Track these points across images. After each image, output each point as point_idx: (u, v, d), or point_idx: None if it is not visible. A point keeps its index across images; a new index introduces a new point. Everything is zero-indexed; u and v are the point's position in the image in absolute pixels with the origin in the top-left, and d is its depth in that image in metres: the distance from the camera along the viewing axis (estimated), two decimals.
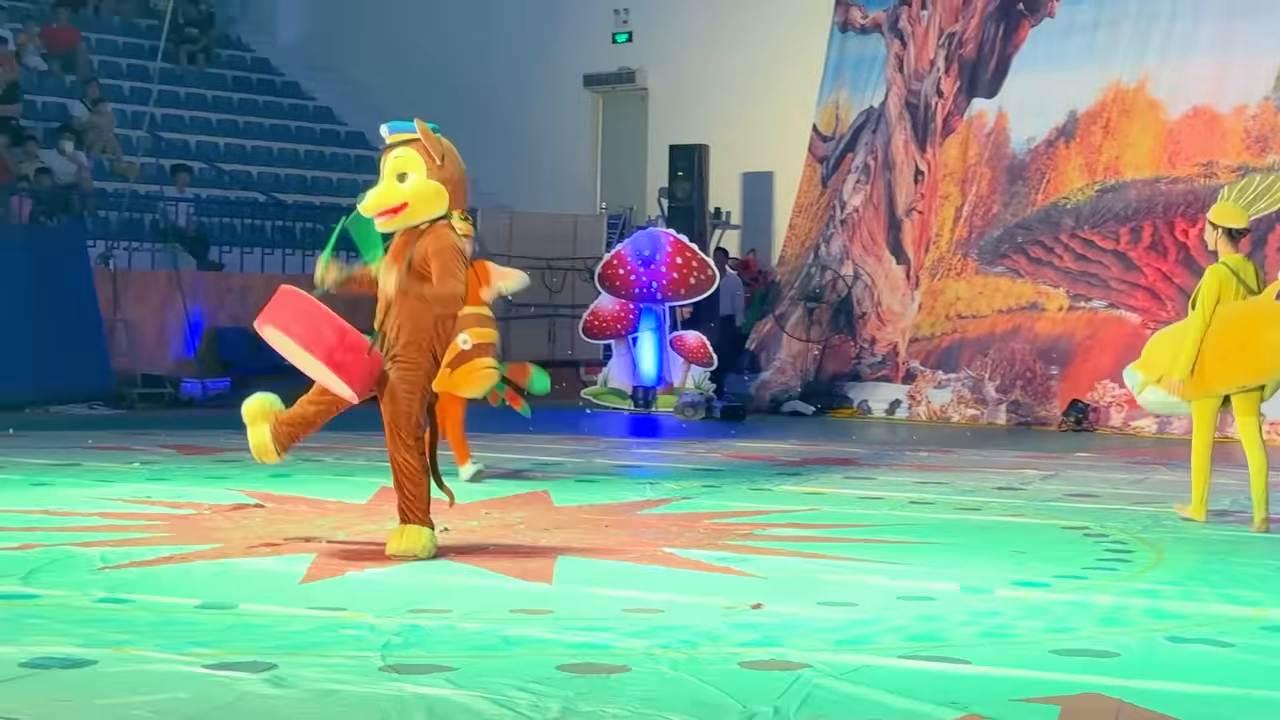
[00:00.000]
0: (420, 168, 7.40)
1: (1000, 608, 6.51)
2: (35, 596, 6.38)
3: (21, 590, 6.48)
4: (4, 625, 5.86)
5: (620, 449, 13.72)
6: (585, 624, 6.01)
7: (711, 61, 21.16)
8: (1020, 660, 5.55)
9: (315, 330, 7.20)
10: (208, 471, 10.92)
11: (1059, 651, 5.70)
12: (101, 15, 23.60)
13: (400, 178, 7.38)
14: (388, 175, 7.40)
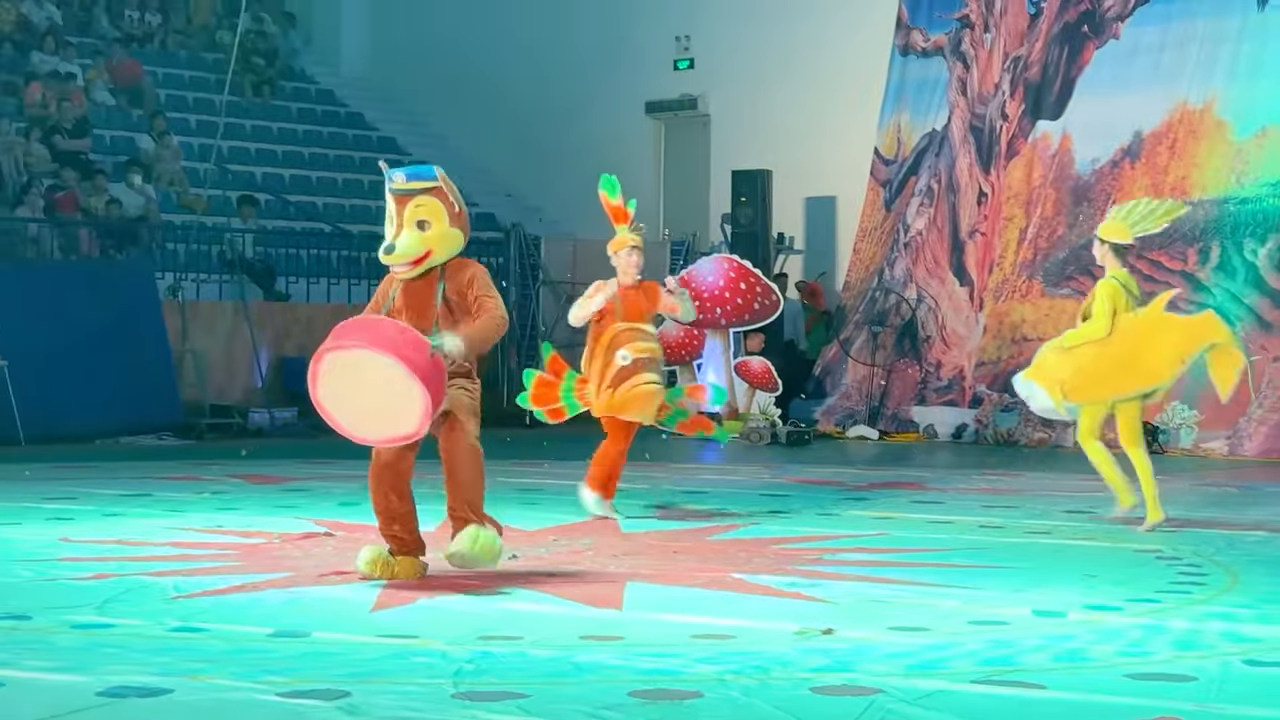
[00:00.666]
0: (442, 216, 7.43)
1: (1073, 631, 6.47)
2: (110, 626, 6.43)
3: (97, 620, 6.53)
4: (80, 655, 5.91)
5: (685, 475, 13.71)
6: (656, 650, 6.01)
7: (773, 87, 21.16)
8: (1096, 685, 5.51)
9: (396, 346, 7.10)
10: (277, 501, 10.98)
11: (1134, 676, 5.65)
12: (168, 49, 23.85)
13: (420, 224, 7.40)
14: (408, 222, 7.39)
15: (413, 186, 7.46)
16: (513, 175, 24.35)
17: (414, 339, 7.10)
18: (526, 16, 23.60)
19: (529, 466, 13.83)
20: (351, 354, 7.10)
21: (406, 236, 7.38)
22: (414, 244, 7.39)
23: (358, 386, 7.13)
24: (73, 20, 22.95)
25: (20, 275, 16.47)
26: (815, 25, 20.86)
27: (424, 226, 7.40)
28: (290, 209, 21.19)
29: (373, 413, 7.18)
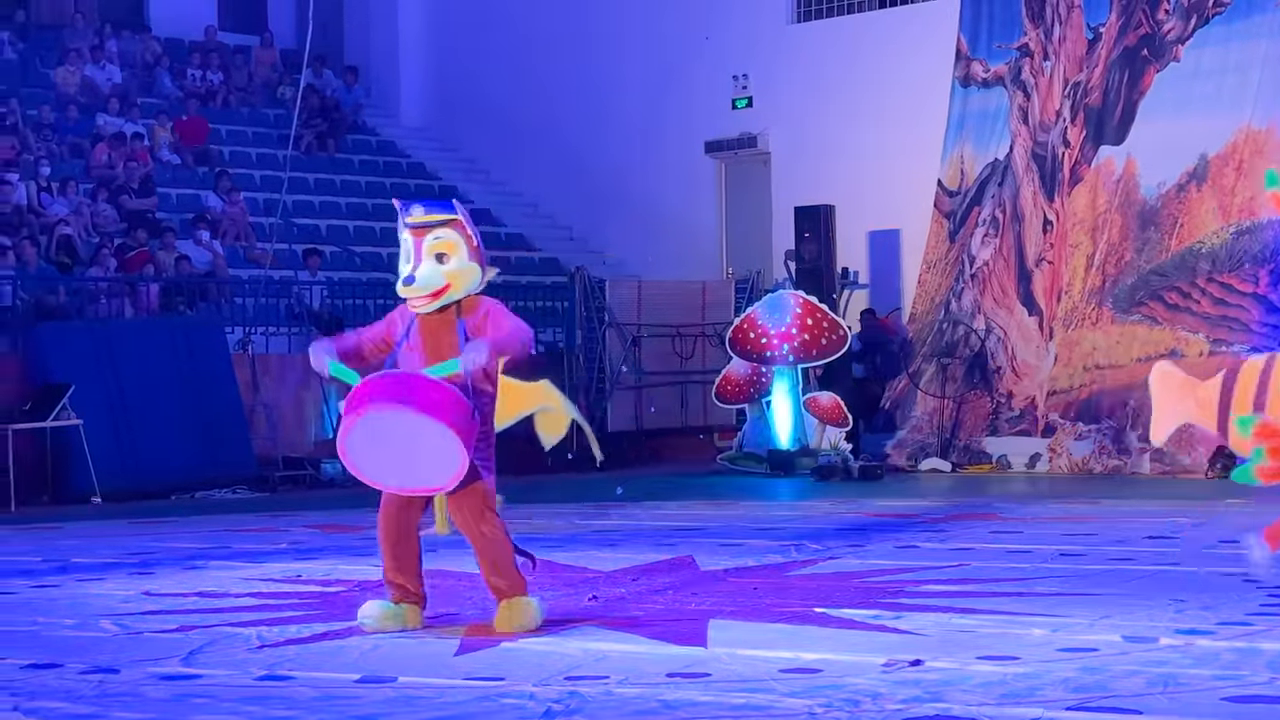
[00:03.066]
0: (461, 249, 7.26)
1: (1166, 657, 6.38)
2: (197, 677, 6.45)
3: (183, 671, 6.55)
4: (170, 706, 5.93)
5: (760, 512, 13.66)
6: (744, 686, 5.97)
7: (833, 122, 21.15)
8: (1193, 709, 5.44)
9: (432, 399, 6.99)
10: (353, 549, 11.00)
11: (1232, 699, 5.58)
12: (230, 107, 24.08)
13: (439, 257, 7.22)
14: (426, 254, 7.21)
15: (431, 219, 7.31)
16: (575, 219, 24.45)
17: (453, 397, 6.99)
18: (583, 60, 23.71)
19: (604, 508, 13.81)
20: (390, 413, 6.98)
21: (426, 268, 7.21)
22: (434, 276, 7.20)
23: (393, 440, 7.04)
24: (136, 81, 23.21)
25: (93, 334, 16.63)
26: (873, 59, 20.87)
27: (443, 259, 7.22)
28: (355, 260, 21.32)
29: (402, 464, 7.10)
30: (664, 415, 19.68)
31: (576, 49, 23.82)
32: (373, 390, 7.06)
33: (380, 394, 7.03)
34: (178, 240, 19.08)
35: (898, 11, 21.25)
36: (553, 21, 24.12)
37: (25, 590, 9.15)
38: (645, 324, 19.31)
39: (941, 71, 19.31)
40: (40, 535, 12.42)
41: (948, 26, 19.39)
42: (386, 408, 6.98)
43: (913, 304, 19.20)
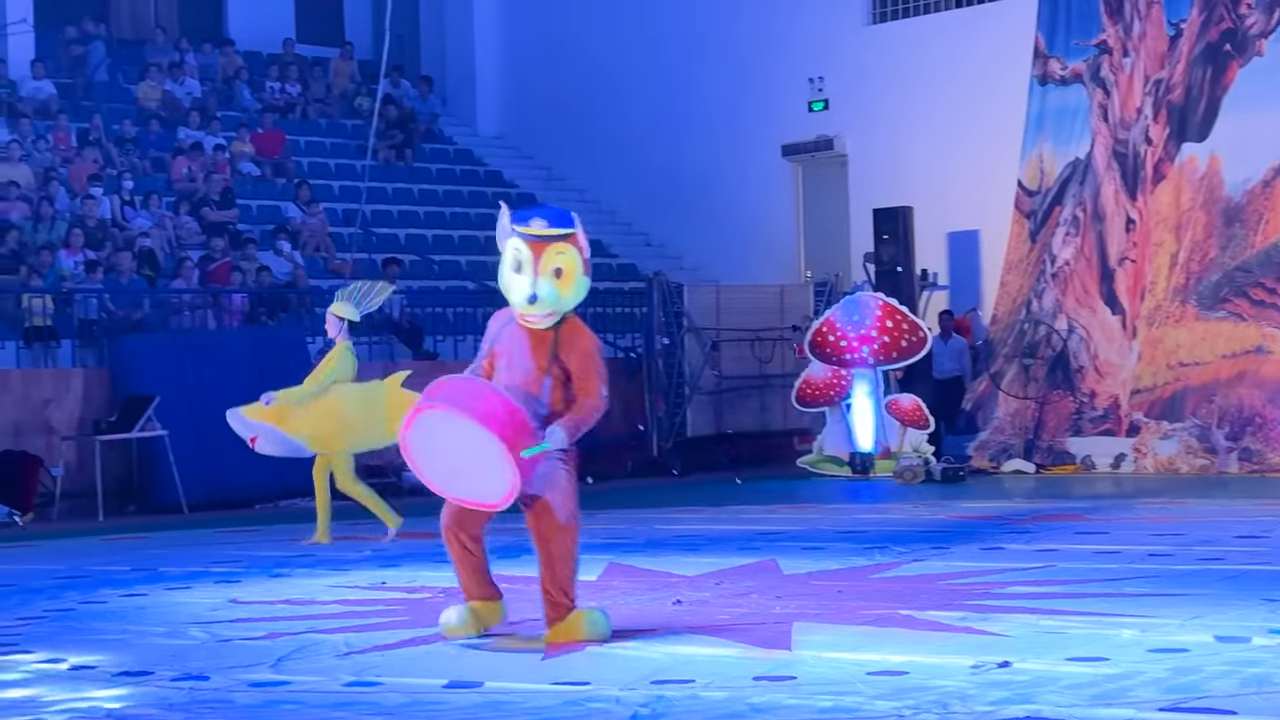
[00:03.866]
0: (578, 266, 7.16)
1: (1260, 657, 6.30)
2: (286, 683, 6.49)
3: (273, 678, 6.60)
4: (259, 712, 5.98)
5: (842, 515, 13.60)
6: (831, 689, 5.95)
7: (910, 123, 21.04)
8: None
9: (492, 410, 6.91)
10: (436, 555, 11.02)
11: None
12: (309, 119, 24.26)
13: (557, 273, 7.09)
14: (544, 271, 7.07)
15: (552, 233, 7.14)
16: (652, 224, 24.45)
17: (522, 422, 6.89)
18: (659, 66, 23.72)
19: (683, 513, 13.79)
20: (458, 419, 6.92)
21: (546, 286, 7.08)
22: (555, 295, 7.10)
23: (453, 445, 6.98)
24: (215, 94, 23.42)
25: (177, 345, 16.79)
26: (950, 59, 20.74)
27: (560, 275, 7.11)
28: (434, 268, 21.42)
29: (460, 472, 7.03)
30: (744, 419, 19.64)
31: (652, 54, 23.83)
32: (449, 392, 7.05)
33: (454, 396, 7.01)
34: (258, 251, 19.23)
35: (974, 10, 21.11)
36: (628, 27, 24.15)
37: (115, 599, 9.25)
38: (724, 328, 19.28)
39: (1019, 70, 19.16)
40: (128, 545, 12.55)
41: (1025, 25, 19.24)
42: (457, 413, 6.93)
43: (994, 305, 19.06)
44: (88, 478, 15.54)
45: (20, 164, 19.32)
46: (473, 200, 23.96)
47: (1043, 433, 17.63)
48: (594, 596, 8.59)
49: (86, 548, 12.48)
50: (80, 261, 17.54)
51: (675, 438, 18.91)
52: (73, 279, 17.38)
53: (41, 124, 20.67)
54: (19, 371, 16.24)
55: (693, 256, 23.61)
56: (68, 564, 11.13)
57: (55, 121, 20.78)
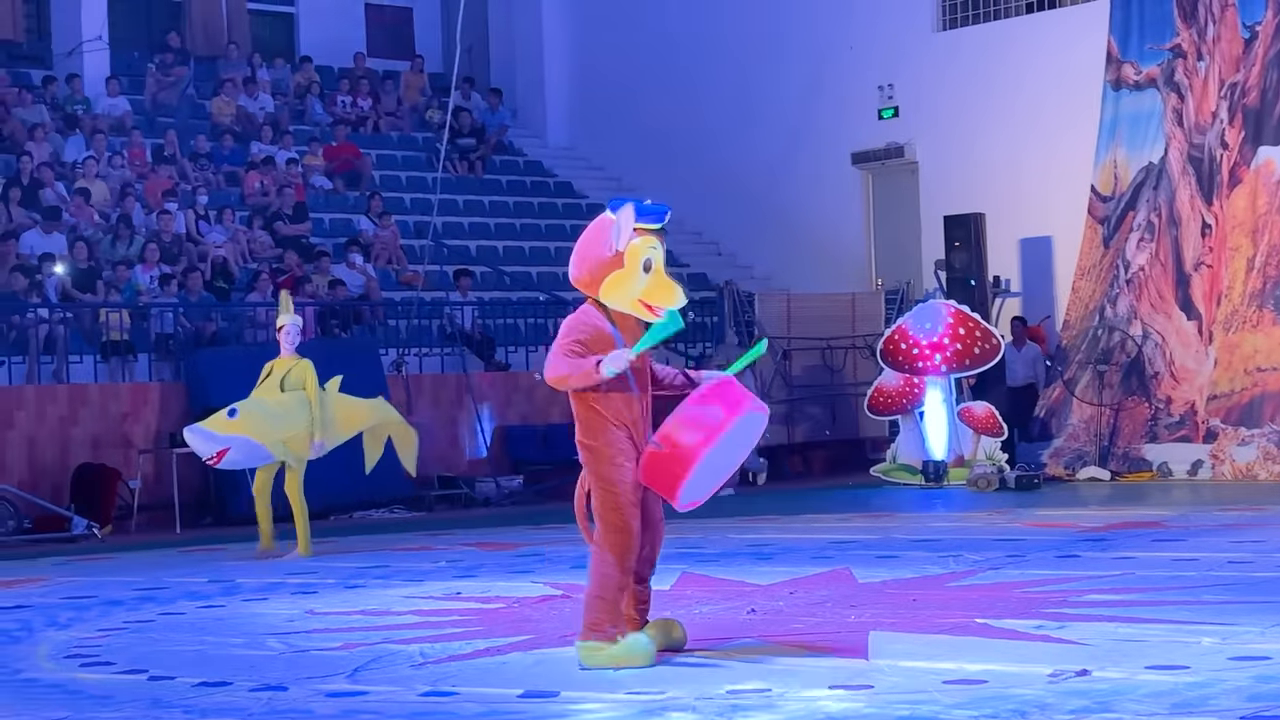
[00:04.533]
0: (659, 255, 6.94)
1: None
2: (363, 693, 6.52)
3: (349, 688, 6.63)
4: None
5: (916, 523, 13.54)
6: (908, 697, 5.92)
7: (981, 130, 20.95)
8: None
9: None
10: (511, 565, 11.09)
11: None
12: (380, 132, 24.40)
13: (648, 264, 6.89)
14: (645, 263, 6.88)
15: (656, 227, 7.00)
16: (722, 234, 24.45)
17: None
18: (727, 75, 23.71)
19: (756, 522, 13.77)
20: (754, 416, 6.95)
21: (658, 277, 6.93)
22: None
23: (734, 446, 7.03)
24: (288, 109, 23.61)
25: (251, 358, 16.86)
26: (1021, 65, 20.64)
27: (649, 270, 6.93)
28: (505, 280, 21.49)
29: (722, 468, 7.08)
30: (816, 428, 19.59)
31: (721, 64, 23.82)
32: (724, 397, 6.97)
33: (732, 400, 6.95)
34: (331, 264, 19.36)
35: (1045, 16, 21.00)
36: (696, 38, 24.15)
37: (193, 611, 9.33)
38: (795, 337, 19.24)
39: (1092, 75, 19.03)
40: (206, 557, 12.66)
41: (1097, 29, 19.11)
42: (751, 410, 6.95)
43: (1067, 311, 18.93)
44: (165, 490, 15.69)
45: (96, 180, 19.54)
46: (543, 211, 24.04)
47: (1118, 440, 17.49)
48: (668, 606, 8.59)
49: (164, 560, 12.59)
50: (156, 276, 17.72)
51: None
52: (148, 294, 17.56)
53: (117, 140, 20.90)
54: (97, 385, 16.42)
55: (763, 265, 23.59)
56: (146, 576, 11.24)
57: (130, 138, 21.00)
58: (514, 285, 21.42)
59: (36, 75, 22.21)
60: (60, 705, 6.49)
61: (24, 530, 14.90)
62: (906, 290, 20.06)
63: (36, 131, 20.03)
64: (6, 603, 9.91)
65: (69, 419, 15.93)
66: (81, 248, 17.67)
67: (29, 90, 21.21)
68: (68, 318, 16.79)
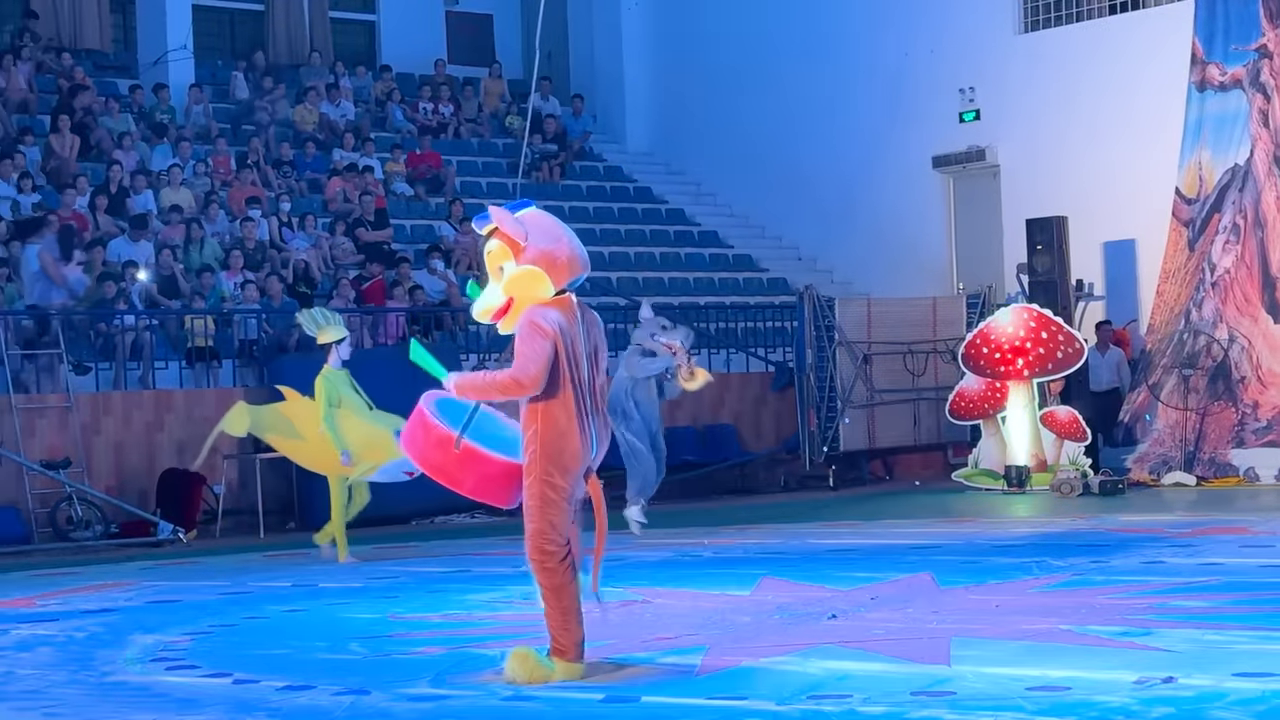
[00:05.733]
0: (509, 256, 6.72)
1: None
2: (445, 697, 6.56)
3: (432, 692, 6.67)
4: None
5: (998, 529, 13.45)
6: (990, 704, 5.89)
7: (1063, 132, 20.78)
8: None
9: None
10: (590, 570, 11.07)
11: None
12: (461, 138, 24.51)
13: (500, 271, 6.76)
14: (492, 273, 6.82)
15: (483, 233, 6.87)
16: (802, 238, 24.39)
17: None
18: (807, 79, 23.64)
19: (837, 527, 13.73)
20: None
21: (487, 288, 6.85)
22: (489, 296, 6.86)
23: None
24: (369, 116, 23.76)
25: None
26: (1104, 67, 20.46)
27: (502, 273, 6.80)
28: (585, 285, 21.45)
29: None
30: (897, 433, 19.50)
31: (800, 69, 23.76)
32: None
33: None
34: (412, 270, 19.46)
35: (1129, 17, 20.81)
36: (776, 42, 24.11)
37: (277, 615, 9.41)
38: (875, 341, 19.17)
39: (1176, 76, 18.84)
40: (289, 561, 12.76)
41: (1182, 30, 18.91)
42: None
43: (1151, 315, 18.75)
44: (249, 495, 15.82)
45: (181, 188, 19.74)
46: (623, 217, 24.06)
47: (1204, 445, 17.30)
48: (748, 611, 8.58)
49: (249, 564, 12.71)
50: (239, 283, 17.88)
51: (828, 451, 18.83)
52: (232, 300, 17.72)
53: (201, 148, 21.11)
54: (182, 391, 16.58)
55: (844, 270, 23.51)
56: (231, 580, 11.34)
57: (214, 146, 21.21)
58: (594, 291, 21.43)
59: (123, 85, 22.46)
60: (146, 708, 6.56)
61: (110, 535, 15.08)
62: (988, 294, 19.92)
63: (124, 140, 20.27)
64: (93, 606, 10.03)
65: (155, 424, 16.10)
66: (167, 255, 17.85)
67: (116, 99, 21.47)
68: (153, 324, 16.97)
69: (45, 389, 15.83)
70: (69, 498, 15.13)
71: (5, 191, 18.39)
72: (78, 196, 18.56)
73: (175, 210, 19.06)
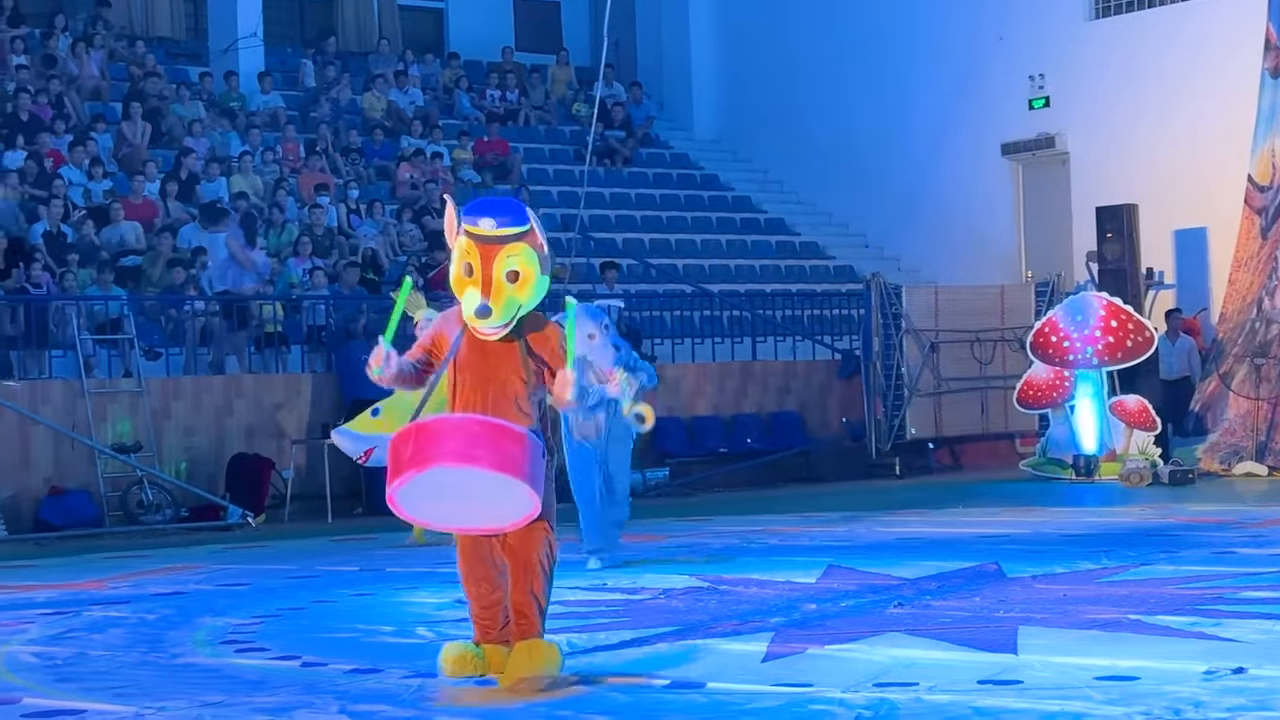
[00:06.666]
0: (535, 265, 6.31)
1: None
2: None
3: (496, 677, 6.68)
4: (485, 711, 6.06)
5: (1066, 518, 13.37)
6: (1058, 693, 5.86)
7: (1134, 119, 20.62)
8: None
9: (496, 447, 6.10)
10: (657, 557, 11.11)
11: None
12: (529, 125, 24.55)
13: (512, 276, 6.26)
14: (498, 276, 6.25)
15: (505, 233, 6.30)
16: (869, 225, 24.32)
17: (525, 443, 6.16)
18: (875, 66, 23.55)
19: (903, 515, 13.68)
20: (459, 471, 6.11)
21: (501, 297, 6.27)
22: (511, 305, 6.30)
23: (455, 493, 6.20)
24: (437, 103, 23.84)
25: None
26: (1176, 53, 20.29)
27: (516, 279, 6.28)
28: (651, 272, 21.54)
29: (468, 511, 6.31)
30: (964, 421, 19.41)
31: (868, 55, 23.67)
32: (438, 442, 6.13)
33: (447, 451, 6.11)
34: None
35: (1202, 3, 20.59)
36: (843, 29, 24.03)
37: (345, 599, 9.47)
38: (943, 329, 19.08)
39: (1250, 63, 18.63)
40: (356, 546, 12.83)
41: (1256, 16, 18.70)
42: (454, 465, 6.10)
43: (1223, 303, 18.57)
44: (317, 480, 15.92)
45: (251, 175, 19.87)
46: (689, 204, 24.06)
47: (1275, 434, 17.13)
48: (813, 598, 8.57)
49: (317, 548, 12.79)
50: (308, 269, 17.98)
51: (894, 440, 18.77)
52: (301, 286, 17.83)
53: (271, 135, 21.24)
54: (251, 376, 16.70)
55: (911, 258, 23.42)
56: (299, 564, 11.42)
57: (283, 133, 21.33)
58: (660, 278, 21.45)
59: (194, 72, 22.63)
60: (216, 689, 6.62)
61: (181, 519, 15.22)
62: (1057, 282, 19.79)
63: (194, 127, 20.42)
64: (164, 589, 10.13)
65: (224, 409, 16.22)
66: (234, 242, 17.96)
67: (186, 86, 21.62)
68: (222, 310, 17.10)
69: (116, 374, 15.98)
70: (140, 481, 15.28)
71: (77, 178, 18.57)
72: (147, 183, 18.72)
73: (242, 197, 19.19)
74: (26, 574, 11.47)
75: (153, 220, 18.32)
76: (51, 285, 16.30)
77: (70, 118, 19.84)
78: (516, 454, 6.11)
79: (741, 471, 18.39)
